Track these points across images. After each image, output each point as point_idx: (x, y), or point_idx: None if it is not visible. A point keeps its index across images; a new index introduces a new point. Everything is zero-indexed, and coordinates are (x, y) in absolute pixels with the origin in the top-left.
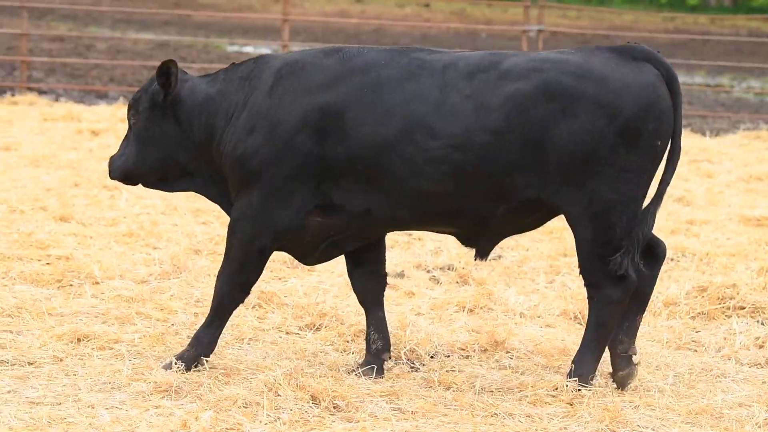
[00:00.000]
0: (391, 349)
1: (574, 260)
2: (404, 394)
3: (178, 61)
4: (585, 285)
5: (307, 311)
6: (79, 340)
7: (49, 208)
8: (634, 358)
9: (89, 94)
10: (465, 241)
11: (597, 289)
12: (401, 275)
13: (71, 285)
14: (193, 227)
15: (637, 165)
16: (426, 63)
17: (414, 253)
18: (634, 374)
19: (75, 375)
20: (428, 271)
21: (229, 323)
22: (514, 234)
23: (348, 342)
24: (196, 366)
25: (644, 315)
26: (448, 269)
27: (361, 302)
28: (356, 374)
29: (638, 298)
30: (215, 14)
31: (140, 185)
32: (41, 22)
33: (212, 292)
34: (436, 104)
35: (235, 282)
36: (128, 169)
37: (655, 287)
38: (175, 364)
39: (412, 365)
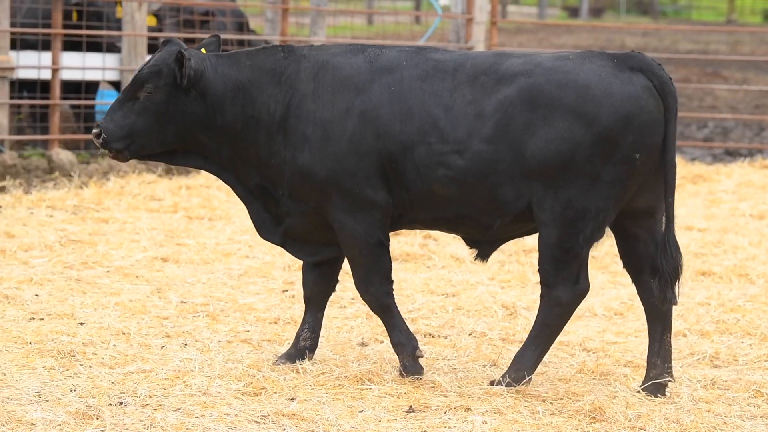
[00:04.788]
0: None
1: None
2: None
3: None
4: (540, 283)
5: None
6: None
7: None
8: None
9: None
10: (469, 242)
11: (549, 290)
12: None
13: None
14: None
15: (612, 176)
16: (439, 64)
17: None
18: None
19: None
20: None
21: None
22: (516, 238)
23: None
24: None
25: None
26: None
27: (306, 299)
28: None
29: (655, 317)
30: None
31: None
32: None
33: None
34: (446, 107)
35: (375, 281)
36: (136, 141)
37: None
38: None
39: None
